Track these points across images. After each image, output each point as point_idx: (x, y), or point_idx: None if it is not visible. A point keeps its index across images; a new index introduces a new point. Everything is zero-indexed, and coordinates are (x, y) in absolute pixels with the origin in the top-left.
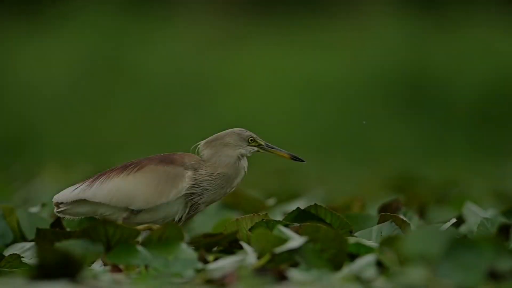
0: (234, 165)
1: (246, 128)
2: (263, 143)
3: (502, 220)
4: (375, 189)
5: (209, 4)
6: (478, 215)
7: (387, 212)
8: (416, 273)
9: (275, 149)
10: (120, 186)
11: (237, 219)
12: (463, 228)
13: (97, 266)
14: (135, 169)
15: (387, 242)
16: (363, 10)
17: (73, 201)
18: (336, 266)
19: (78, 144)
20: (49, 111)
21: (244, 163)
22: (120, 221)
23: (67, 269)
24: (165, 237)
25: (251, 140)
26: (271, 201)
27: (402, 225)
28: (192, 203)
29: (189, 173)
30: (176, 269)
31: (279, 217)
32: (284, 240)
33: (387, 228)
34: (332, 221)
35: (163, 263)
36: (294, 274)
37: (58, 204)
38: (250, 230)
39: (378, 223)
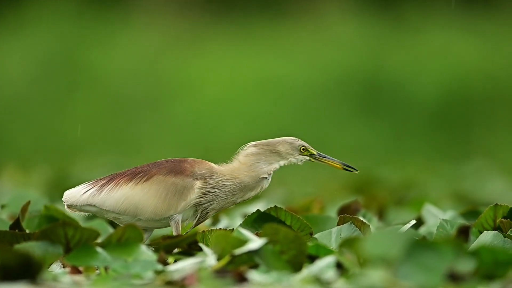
0: (257, 177)
1: (203, 129)
2: (315, 153)
3: (461, 221)
4: (334, 191)
5: (167, 5)
6: (437, 217)
7: (346, 213)
8: (376, 275)
9: (328, 158)
10: (128, 196)
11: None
12: (422, 230)
13: (57, 267)
14: (144, 179)
15: (347, 244)
16: (321, 11)
17: (83, 204)
18: (296, 267)
19: (37, 145)
20: (7, 112)
21: (266, 184)
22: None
23: (26, 271)
24: (124, 238)
25: (303, 149)
26: None
27: (362, 226)
28: (202, 210)
29: (198, 184)
30: (135, 270)
31: (239, 220)
32: (243, 241)
33: (346, 230)
34: (292, 223)
35: (122, 265)
36: (254, 275)
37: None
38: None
39: (337, 225)
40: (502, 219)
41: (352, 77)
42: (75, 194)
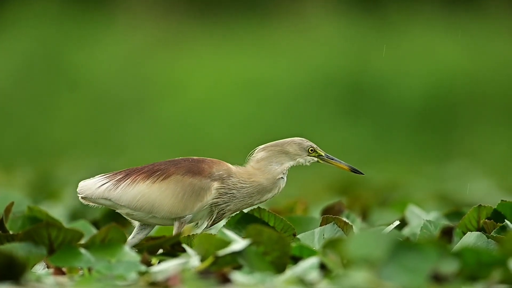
0: (274, 178)
1: (188, 130)
2: (323, 154)
3: (445, 222)
4: (318, 192)
5: (151, 6)
6: (421, 218)
7: (330, 214)
8: (359, 276)
9: (335, 160)
10: (145, 194)
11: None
12: (406, 231)
13: (40, 268)
14: (161, 178)
15: (330, 245)
16: (305, 13)
17: (98, 197)
18: (279, 268)
19: (21, 147)
20: None
21: (283, 183)
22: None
23: (10, 272)
24: (108, 239)
25: (311, 150)
26: None
27: (345, 227)
28: (218, 211)
29: (215, 185)
30: (119, 271)
31: (223, 221)
32: (227, 242)
33: (329, 230)
34: (275, 224)
35: (106, 266)
36: (237, 276)
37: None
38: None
39: (320, 225)
40: (486, 220)
41: (336, 78)
42: (90, 186)
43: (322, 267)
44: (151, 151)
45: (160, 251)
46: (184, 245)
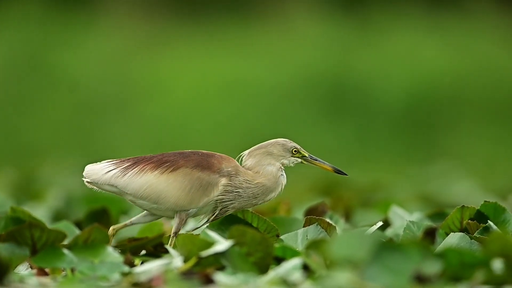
0: (275, 177)
1: (171, 131)
2: (306, 155)
3: (428, 223)
4: (301, 193)
5: (135, 7)
6: (404, 218)
7: (313, 215)
8: (342, 277)
9: (319, 161)
10: (152, 184)
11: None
12: (389, 231)
13: (23, 269)
14: (170, 169)
15: (314, 246)
16: (289, 14)
17: (104, 183)
18: (263, 269)
19: (3, 147)
20: None
21: (284, 180)
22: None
23: None
24: (91, 240)
25: (295, 151)
26: None
27: (328, 228)
28: (222, 207)
29: (223, 181)
30: (102, 272)
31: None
32: (210, 243)
33: (312, 231)
34: (258, 224)
35: (89, 267)
36: (221, 277)
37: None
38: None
39: (304, 226)
40: (469, 220)
41: (319, 79)
42: (97, 172)
43: (305, 268)
44: (134, 152)
45: (143, 252)
46: (167, 246)
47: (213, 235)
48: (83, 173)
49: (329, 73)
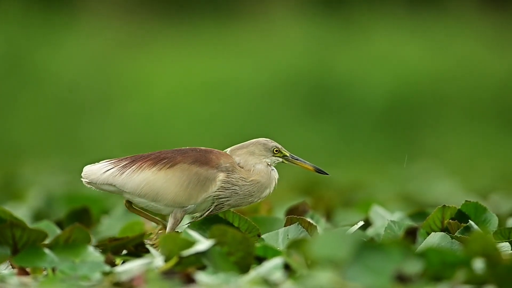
0: (267, 174)
1: (152, 130)
2: (288, 154)
3: (409, 223)
4: (282, 192)
5: (116, 6)
6: (385, 218)
7: (294, 215)
8: (323, 276)
9: (300, 160)
10: (150, 181)
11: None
12: (370, 231)
13: (4, 268)
14: (168, 165)
15: (295, 245)
16: (270, 14)
17: (102, 183)
18: (244, 269)
19: None
20: None
21: (276, 174)
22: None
23: None
24: (72, 240)
25: (276, 150)
26: None
27: (309, 227)
28: (217, 204)
29: (221, 176)
30: (83, 271)
31: (187, 221)
32: (191, 243)
33: (293, 231)
34: (239, 224)
35: (70, 266)
36: (202, 277)
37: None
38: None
39: (285, 226)
40: (450, 220)
41: (301, 79)
42: (95, 172)
43: (287, 267)
44: (115, 151)
45: (124, 251)
46: (148, 246)
47: (194, 234)
48: (82, 174)
49: (311, 72)
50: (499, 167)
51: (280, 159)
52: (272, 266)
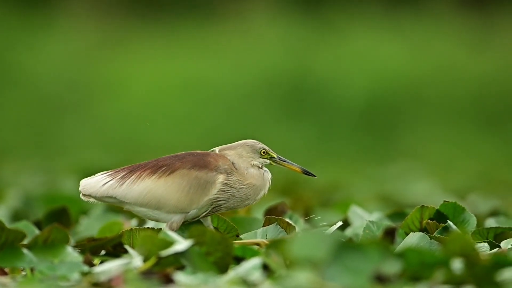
0: (261, 176)
1: (130, 130)
2: (275, 156)
3: (388, 223)
4: None
5: (93, 7)
6: (364, 218)
7: (272, 215)
8: (302, 276)
9: (287, 162)
10: (151, 190)
11: (131, 229)
12: (348, 231)
13: None
14: (167, 172)
15: (273, 246)
16: (248, 14)
17: (102, 196)
18: (222, 269)
19: None
20: None
21: (269, 175)
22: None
23: None
24: (50, 240)
25: (263, 152)
26: None
27: (288, 228)
28: (215, 206)
29: (220, 178)
30: (62, 272)
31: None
32: (170, 243)
33: (272, 231)
34: (218, 224)
35: (48, 266)
36: (180, 277)
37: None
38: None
39: (263, 226)
40: (429, 220)
41: (279, 79)
42: (94, 185)
43: (265, 267)
44: (94, 151)
45: (103, 252)
46: (126, 246)
47: (173, 234)
48: (80, 188)
49: (290, 72)
50: (477, 167)
51: (268, 161)
52: (250, 266)
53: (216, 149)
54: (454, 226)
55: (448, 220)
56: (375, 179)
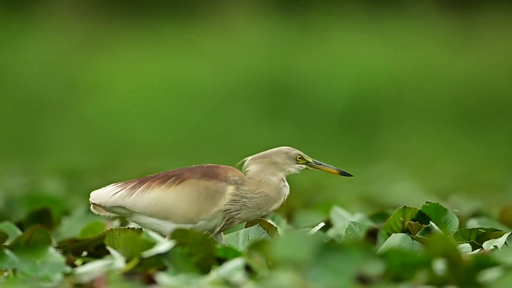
0: (277, 188)
1: (112, 131)
2: (311, 160)
3: (370, 224)
4: None
5: (76, 7)
6: (346, 219)
7: None
8: (284, 277)
9: (323, 165)
10: (160, 199)
11: (111, 229)
12: (331, 232)
13: None
14: (177, 182)
15: (256, 246)
16: (229, 15)
17: (112, 206)
18: (205, 270)
19: None
20: None
21: (286, 190)
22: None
23: None
24: (32, 241)
25: (299, 158)
26: None
27: (270, 229)
28: (228, 218)
29: (230, 189)
30: (44, 273)
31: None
32: (152, 244)
33: (254, 232)
34: None
35: (31, 267)
36: (163, 278)
37: (94, 204)
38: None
39: (245, 227)
40: (411, 221)
41: (261, 80)
42: (104, 195)
43: (248, 268)
44: (76, 153)
45: (85, 253)
46: (108, 247)
47: (155, 235)
48: (90, 199)
49: (271, 73)
50: (459, 168)
51: (304, 166)
52: (233, 267)
53: (249, 158)
54: (436, 227)
55: (430, 221)
56: (358, 180)
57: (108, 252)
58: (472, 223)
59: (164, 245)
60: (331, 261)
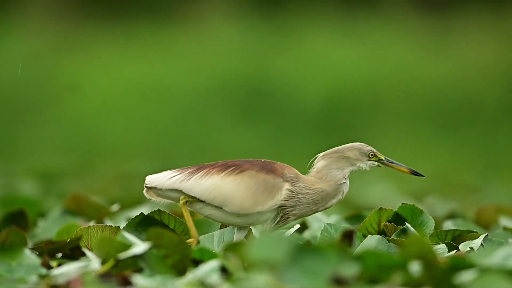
0: (336, 183)
1: (87, 133)
2: (383, 158)
3: (346, 225)
4: None
5: (52, 8)
6: (322, 221)
7: None
8: (260, 279)
9: (395, 164)
10: (218, 186)
11: (88, 226)
12: (306, 234)
13: None
14: (236, 172)
15: (232, 248)
16: (205, 17)
17: (167, 188)
18: (180, 271)
19: None
20: None
21: (346, 187)
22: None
23: None
24: (8, 242)
25: (371, 155)
26: (114, 207)
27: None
28: (283, 214)
29: (286, 186)
30: (20, 274)
31: (123, 223)
32: (128, 245)
33: (228, 233)
34: (176, 226)
35: (6, 269)
36: (138, 279)
37: (149, 187)
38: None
39: (220, 228)
40: (387, 223)
41: (237, 82)
42: (160, 178)
43: (223, 270)
44: (51, 154)
45: (60, 254)
46: (84, 249)
47: (131, 237)
48: (145, 183)
49: (247, 75)
50: (435, 169)
51: (376, 163)
52: (209, 269)
53: (321, 154)
54: (412, 229)
55: (406, 223)
56: None
57: (83, 254)
58: (448, 225)
59: (139, 247)
60: (306, 262)
